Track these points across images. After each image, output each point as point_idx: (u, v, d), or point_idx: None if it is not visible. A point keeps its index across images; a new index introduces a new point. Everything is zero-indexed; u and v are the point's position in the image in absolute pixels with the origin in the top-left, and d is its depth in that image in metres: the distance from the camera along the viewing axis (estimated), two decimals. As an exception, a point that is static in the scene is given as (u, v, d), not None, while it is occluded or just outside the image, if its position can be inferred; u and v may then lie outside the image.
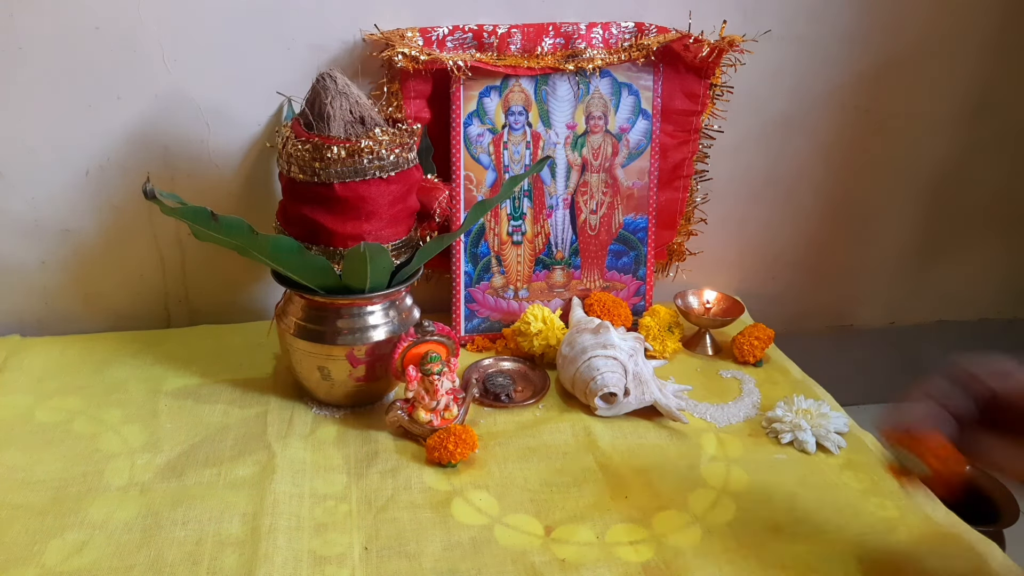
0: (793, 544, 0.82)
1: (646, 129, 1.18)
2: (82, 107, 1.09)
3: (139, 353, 1.13)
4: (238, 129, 1.14)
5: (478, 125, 1.13)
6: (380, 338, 0.98)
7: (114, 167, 1.13)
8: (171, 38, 1.07)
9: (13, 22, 1.03)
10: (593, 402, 1.02)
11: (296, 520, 0.83)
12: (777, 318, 1.28)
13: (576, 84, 1.15)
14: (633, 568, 0.79)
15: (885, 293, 1.50)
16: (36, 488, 0.87)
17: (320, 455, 0.94)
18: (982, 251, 1.51)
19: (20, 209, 1.13)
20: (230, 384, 1.06)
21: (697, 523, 0.85)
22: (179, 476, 0.89)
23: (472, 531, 0.83)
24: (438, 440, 0.92)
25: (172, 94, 1.10)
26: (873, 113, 1.32)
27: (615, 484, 0.90)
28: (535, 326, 1.12)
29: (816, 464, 0.95)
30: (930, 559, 0.80)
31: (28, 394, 1.03)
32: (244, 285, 1.24)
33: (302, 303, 0.99)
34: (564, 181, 1.18)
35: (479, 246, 1.18)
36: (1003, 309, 1.58)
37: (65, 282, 1.19)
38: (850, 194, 1.38)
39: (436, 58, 1.07)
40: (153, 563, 0.77)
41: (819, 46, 1.24)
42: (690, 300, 1.24)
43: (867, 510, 0.87)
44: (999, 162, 1.42)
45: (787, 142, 1.31)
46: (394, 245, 0.98)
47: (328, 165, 0.91)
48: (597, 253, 1.22)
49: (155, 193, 0.83)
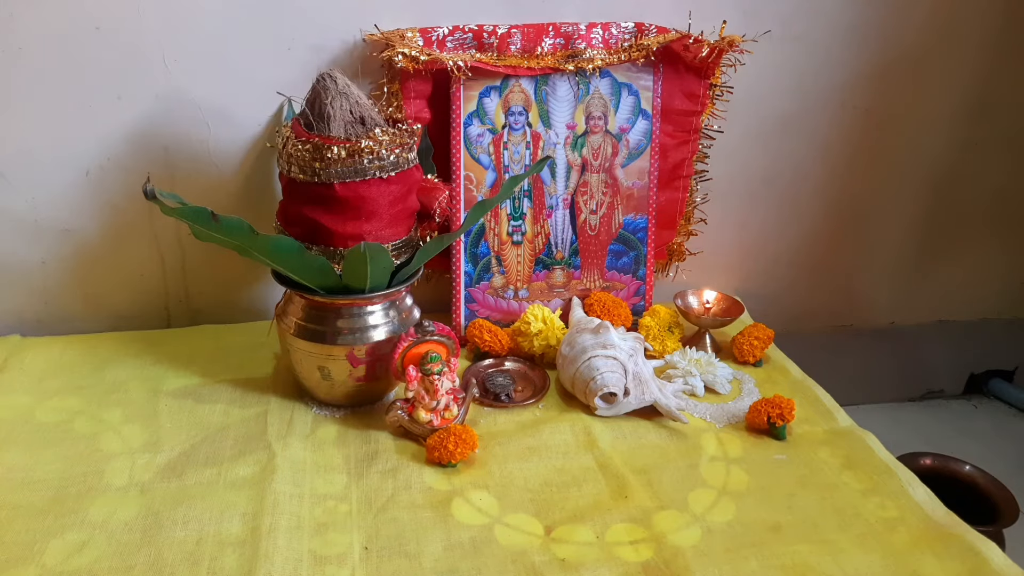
0: (793, 544, 0.82)
1: (646, 129, 1.18)
2: (82, 107, 1.09)
3: (139, 353, 1.13)
4: (238, 129, 1.14)
5: (478, 125, 1.13)
6: (380, 338, 0.98)
7: (114, 167, 1.13)
8: (171, 38, 1.07)
9: (13, 22, 1.03)
10: (593, 402, 1.02)
11: (296, 520, 0.83)
12: (777, 318, 1.28)
13: (576, 84, 1.15)
14: (633, 568, 0.79)
15: (885, 293, 1.50)
16: (36, 488, 0.87)
17: (320, 455, 0.94)
18: (982, 251, 1.51)
19: (20, 209, 1.13)
20: (230, 384, 1.07)
21: (697, 523, 0.85)
22: (179, 476, 0.89)
23: (472, 531, 0.83)
24: (438, 440, 0.92)
25: (172, 94, 1.10)
26: (873, 113, 1.32)
27: (615, 484, 0.90)
28: (535, 326, 1.12)
29: (816, 464, 0.95)
30: (930, 559, 0.80)
31: (28, 394, 1.03)
32: (244, 285, 1.24)
33: (302, 303, 0.99)
34: (564, 181, 1.18)
35: (479, 246, 1.18)
36: (1003, 309, 1.58)
37: (65, 282, 1.19)
38: (850, 194, 1.38)
39: (436, 58, 1.07)
40: (153, 563, 0.77)
41: (819, 46, 1.25)
42: (690, 300, 1.24)
43: (867, 510, 0.87)
44: (999, 162, 1.42)
45: (787, 142, 1.31)
46: (394, 245, 0.98)
47: (328, 165, 0.91)
48: (597, 253, 1.22)
49: (155, 193, 0.83)
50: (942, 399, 1.63)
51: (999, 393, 1.62)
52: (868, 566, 0.80)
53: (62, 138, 1.10)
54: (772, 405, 0.99)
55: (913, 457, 1.16)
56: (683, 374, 1.10)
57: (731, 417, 1.04)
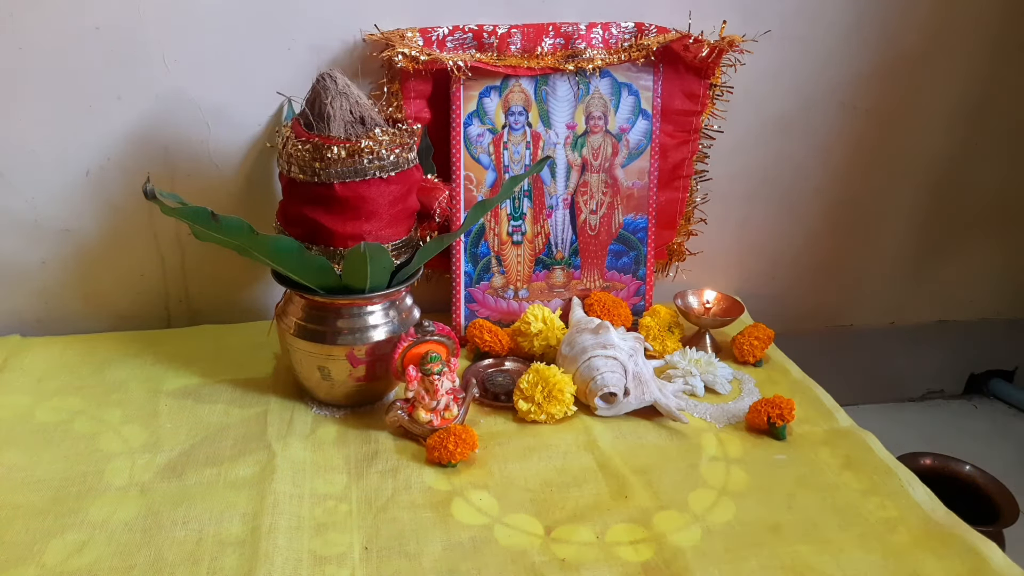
0: (793, 544, 0.82)
1: (646, 129, 1.18)
2: (82, 107, 1.09)
3: (139, 353, 1.13)
4: (238, 129, 1.14)
5: (478, 125, 1.13)
6: (380, 338, 0.98)
7: (114, 167, 1.13)
8: (171, 38, 1.07)
9: (13, 22, 1.03)
10: (593, 402, 1.02)
11: (296, 520, 0.83)
12: (777, 318, 1.28)
13: (576, 84, 1.15)
14: (633, 568, 0.79)
15: (885, 293, 1.50)
16: (36, 488, 0.87)
17: (320, 455, 0.94)
18: (982, 251, 1.51)
19: (20, 209, 1.13)
20: (230, 384, 1.07)
21: (697, 523, 0.85)
22: (179, 476, 0.89)
23: (472, 531, 0.83)
24: (438, 440, 0.92)
25: (172, 94, 1.10)
26: (873, 113, 1.32)
27: (615, 484, 0.90)
28: (535, 326, 1.12)
29: (816, 464, 0.95)
30: (930, 559, 0.80)
31: (28, 394, 1.03)
32: (244, 285, 1.24)
33: (302, 303, 0.99)
34: (564, 181, 1.18)
35: (479, 246, 1.18)
36: (1003, 309, 1.58)
37: (65, 282, 1.19)
38: (850, 194, 1.38)
39: (436, 58, 1.07)
40: (153, 563, 0.77)
41: (819, 46, 1.25)
42: (690, 300, 1.24)
43: (867, 510, 0.87)
44: (998, 162, 1.42)
45: (787, 142, 1.31)
46: (394, 245, 0.98)
47: (328, 165, 0.91)
48: (597, 253, 1.22)
49: (155, 193, 0.84)
50: (942, 399, 1.63)
51: (999, 393, 1.62)
52: (868, 566, 0.80)
53: (62, 138, 1.10)
54: (772, 405, 0.99)
55: (913, 457, 1.16)
56: (683, 374, 1.10)
57: (731, 417, 1.04)
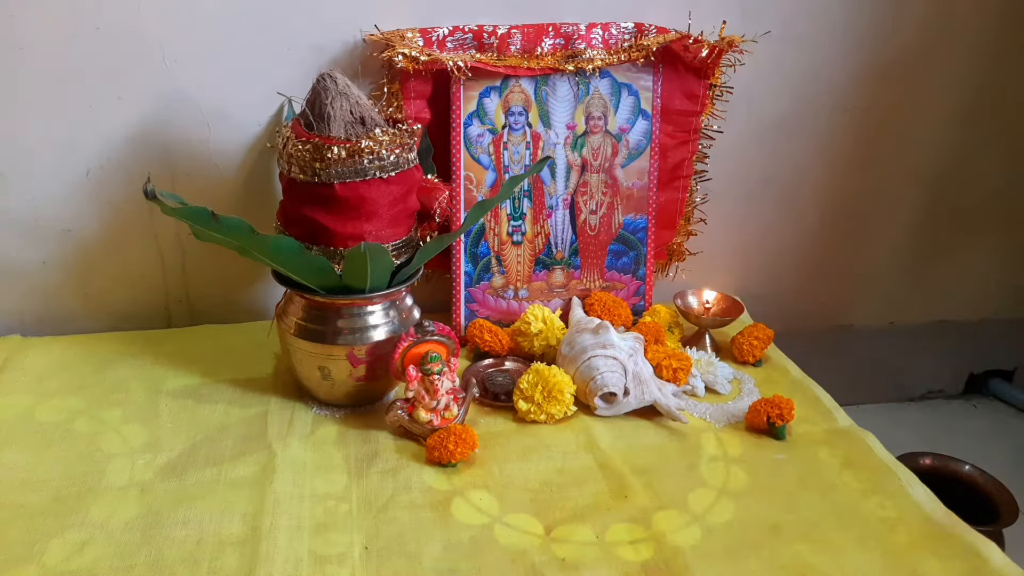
0: (793, 544, 0.82)
1: (646, 129, 1.18)
2: (82, 107, 1.09)
3: (139, 353, 1.13)
4: (238, 129, 1.14)
5: (478, 125, 1.13)
6: (380, 338, 0.98)
7: (114, 167, 1.13)
8: (171, 38, 1.07)
9: (13, 22, 1.03)
10: (593, 402, 1.02)
11: (296, 520, 0.83)
12: (777, 318, 1.28)
13: (576, 84, 1.15)
14: (633, 568, 0.79)
15: (885, 293, 1.50)
16: (36, 488, 0.87)
17: (320, 455, 0.94)
18: (982, 251, 1.51)
19: (20, 209, 1.13)
20: (230, 384, 1.07)
21: (697, 523, 0.85)
22: (179, 476, 0.89)
23: (472, 531, 0.83)
24: (438, 440, 0.92)
25: (172, 94, 1.10)
26: (872, 113, 1.32)
27: (615, 484, 0.90)
28: (535, 326, 1.12)
29: (816, 464, 0.95)
30: (930, 559, 0.80)
31: (28, 394, 1.03)
32: (244, 285, 1.24)
33: (302, 303, 0.99)
34: (564, 181, 1.18)
35: (479, 246, 1.18)
36: (1003, 309, 1.58)
37: (65, 282, 1.19)
38: (850, 194, 1.38)
39: (436, 58, 1.07)
40: (153, 563, 0.77)
41: (818, 46, 1.25)
42: (690, 300, 1.24)
43: (867, 510, 0.87)
44: (998, 162, 1.42)
45: (786, 142, 1.31)
46: (394, 245, 0.98)
47: (328, 165, 0.91)
48: (597, 253, 1.22)
49: (156, 193, 0.84)
50: (942, 399, 1.63)
51: (999, 393, 1.62)
52: (868, 566, 0.80)
53: (62, 138, 1.10)
54: (772, 405, 0.99)
55: (913, 457, 1.16)
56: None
57: (731, 417, 1.04)
